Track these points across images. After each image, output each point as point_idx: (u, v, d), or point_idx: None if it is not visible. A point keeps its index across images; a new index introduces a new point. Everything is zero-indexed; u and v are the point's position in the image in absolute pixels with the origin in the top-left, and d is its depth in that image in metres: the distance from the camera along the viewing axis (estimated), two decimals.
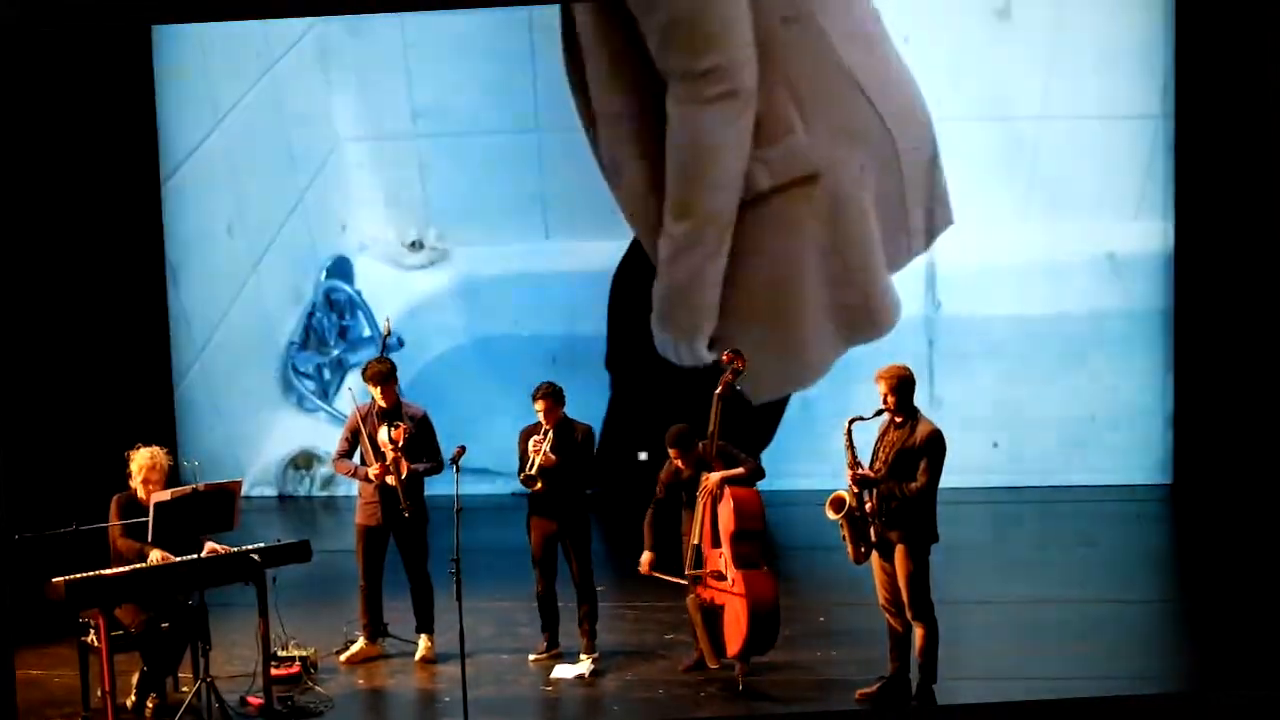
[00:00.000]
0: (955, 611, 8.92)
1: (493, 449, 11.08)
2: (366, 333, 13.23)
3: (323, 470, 13.26)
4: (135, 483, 8.21)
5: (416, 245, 13.11)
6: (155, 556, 7.99)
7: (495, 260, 13.06)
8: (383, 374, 8.85)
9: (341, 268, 13.24)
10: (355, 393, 9.59)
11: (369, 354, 12.85)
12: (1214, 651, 8.69)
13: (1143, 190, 12.45)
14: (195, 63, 13.05)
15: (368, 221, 13.18)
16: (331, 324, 13.29)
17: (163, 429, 12.53)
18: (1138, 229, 12.47)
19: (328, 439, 12.88)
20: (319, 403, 13.32)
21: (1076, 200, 12.52)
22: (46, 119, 12.05)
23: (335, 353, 13.32)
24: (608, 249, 12.87)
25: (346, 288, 13.23)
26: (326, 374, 13.33)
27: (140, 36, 12.78)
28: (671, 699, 8.22)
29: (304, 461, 13.33)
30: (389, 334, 9.63)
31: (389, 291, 13.13)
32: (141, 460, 8.22)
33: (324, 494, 13.18)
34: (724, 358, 8.49)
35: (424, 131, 13.01)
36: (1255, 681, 8.13)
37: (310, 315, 13.27)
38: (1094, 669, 8.40)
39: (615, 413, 12.84)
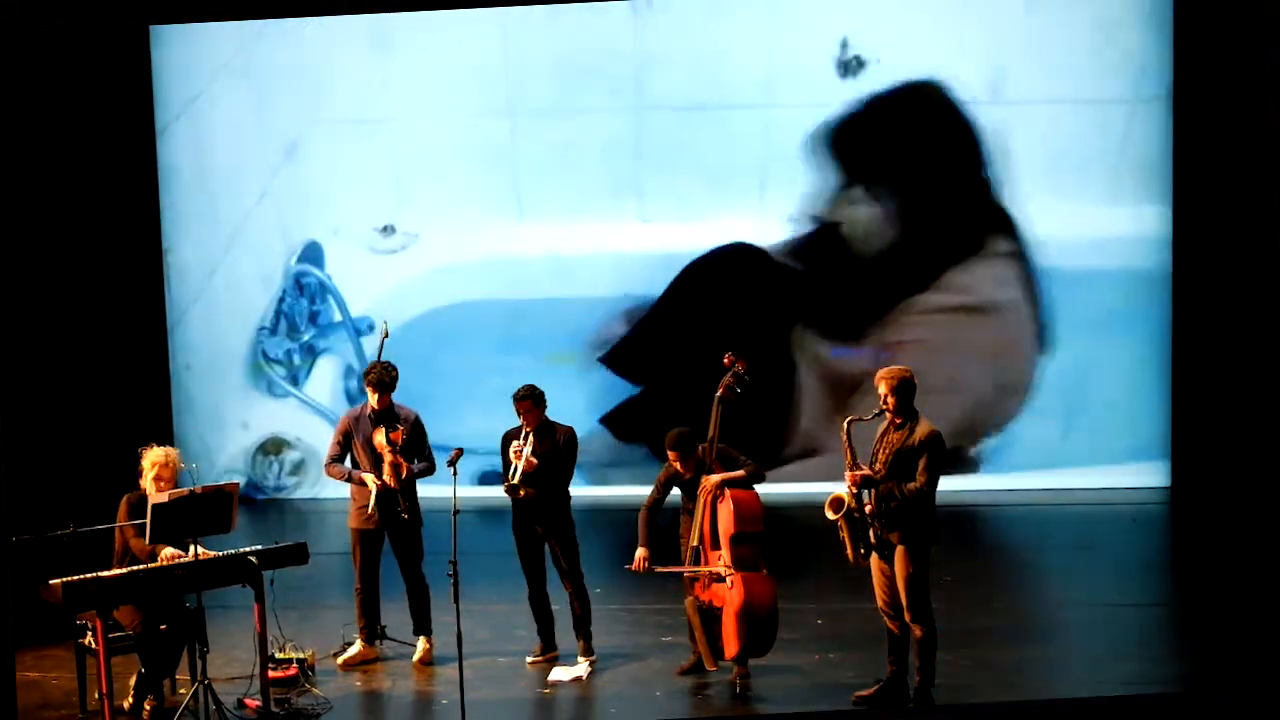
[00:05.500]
0: (954, 614, 8.94)
1: (459, 435, 11.07)
2: (337, 318, 13.22)
3: (292, 455, 13.26)
4: (145, 481, 8.19)
5: (388, 230, 13.12)
6: (167, 554, 7.99)
7: (467, 244, 13.07)
8: (386, 382, 8.81)
9: (312, 253, 13.22)
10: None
11: (340, 339, 12.96)
12: (1210, 653, 8.69)
13: (1140, 176, 12.49)
14: (187, 56, 13.11)
15: (339, 206, 13.16)
16: (302, 309, 13.28)
17: (160, 423, 12.58)
18: (1136, 214, 12.48)
19: (297, 425, 12.92)
20: (289, 389, 13.29)
21: (1073, 186, 12.57)
22: (42, 116, 12.06)
23: (306, 338, 13.30)
24: (581, 232, 12.90)
25: (317, 272, 13.21)
26: (297, 359, 13.32)
27: (138, 33, 12.82)
28: (669, 701, 8.21)
29: (273, 448, 13.31)
30: (387, 335, 9.58)
31: (361, 276, 13.16)
32: (155, 458, 8.21)
33: (306, 495, 13.15)
34: (725, 360, 8.47)
35: (396, 115, 13.02)
36: (1251, 683, 8.13)
37: (280, 300, 13.27)
38: (1092, 670, 8.40)
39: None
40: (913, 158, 12.65)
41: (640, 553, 8.46)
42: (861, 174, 12.70)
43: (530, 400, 8.65)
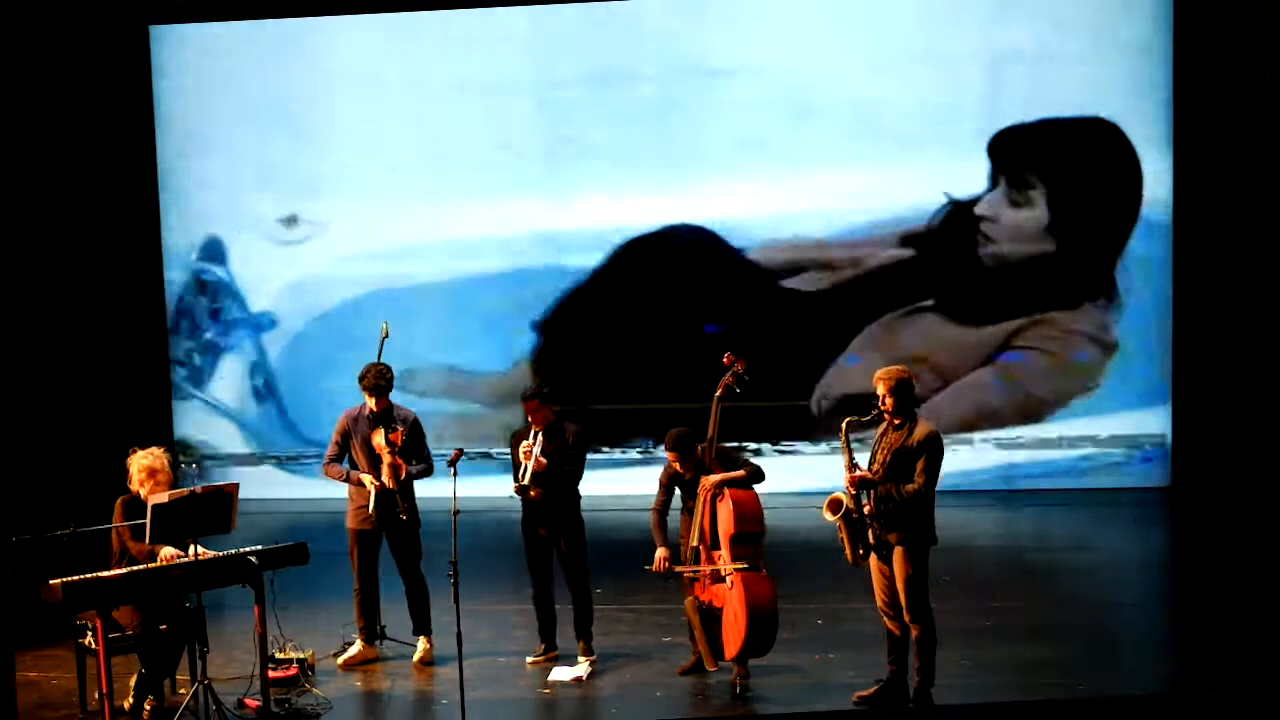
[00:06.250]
0: (954, 614, 8.93)
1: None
2: (238, 315, 13.11)
3: (197, 457, 13.18)
4: (137, 486, 8.18)
5: (292, 221, 13.03)
6: (167, 554, 7.99)
7: (374, 231, 13.02)
8: (383, 385, 8.79)
9: (213, 249, 13.12)
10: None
11: (243, 336, 12.84)
12: (1207, 653, 8.69)
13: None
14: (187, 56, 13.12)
15: (239, 199, 13.07)
16: (203, 308, 13.18)
17: (160, 423, 12.59)
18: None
19: (203, 427, 12.75)
20: (192, 390, 13.19)
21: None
22: (41, 118, 12.07)
23: (208, 336, 13.19)
24: (491, 219, 12.89)
25: (216, 270, 13.09)
26: (197, 359, 13.21)
27: (138, 35, 12.85)
28: (669, 701, 8.21)
29: (177, 450, 13.26)
30: (387, 335, 9.58)
31: (266, 269, 13.07)
32: (146, 462, 8.20)
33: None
34: (725, 359, 8.47)
35: (299, 104, 12.97)
36: (1249, 683, 8.13)
37: (180, 299, 13.16)
38: (1091, 670, 8.40)
39: None
40: (1076, 184, 12.65)
41: (660, 553, 8.46)
42: (1024, 181, 12.70)
43: (537, 399, 8.64)
